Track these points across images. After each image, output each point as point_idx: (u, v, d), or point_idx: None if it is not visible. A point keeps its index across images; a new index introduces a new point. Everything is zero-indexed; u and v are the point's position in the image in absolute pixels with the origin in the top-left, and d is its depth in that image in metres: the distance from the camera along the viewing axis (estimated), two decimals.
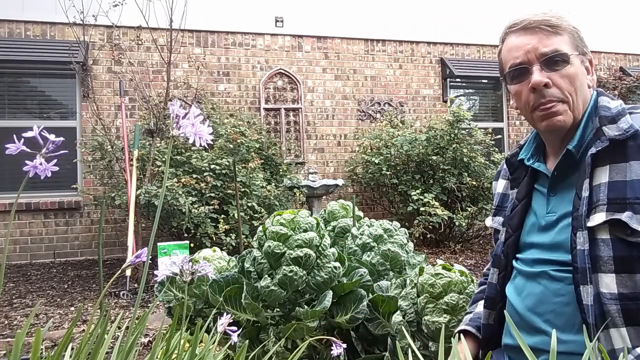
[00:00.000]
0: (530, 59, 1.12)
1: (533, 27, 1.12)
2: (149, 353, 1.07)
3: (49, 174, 0.80)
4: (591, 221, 1.05)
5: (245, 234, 4.82)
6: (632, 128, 1.05)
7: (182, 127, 0.86)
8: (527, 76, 1.12)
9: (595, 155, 1.07)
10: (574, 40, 1.14)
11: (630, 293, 1.01)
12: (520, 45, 1.13)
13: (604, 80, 7.65)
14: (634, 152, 1.05)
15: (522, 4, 7.29)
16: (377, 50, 7.55)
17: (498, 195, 1.37)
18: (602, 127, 1.09)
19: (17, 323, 3.60)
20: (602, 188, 1.06)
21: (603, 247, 1.04)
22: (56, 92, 6.50)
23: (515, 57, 1.14)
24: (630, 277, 1.02)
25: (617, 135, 1.06)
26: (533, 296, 1.14)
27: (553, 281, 1.10)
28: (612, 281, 1.02)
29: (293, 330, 1.65)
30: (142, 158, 4.97)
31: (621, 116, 1.09)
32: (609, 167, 1.06)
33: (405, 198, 6.24)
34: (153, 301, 3.35)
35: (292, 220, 1.77)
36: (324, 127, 7.26)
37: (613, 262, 1.03)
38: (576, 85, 1.11)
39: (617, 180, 1.05)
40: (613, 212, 1.03)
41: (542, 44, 1.11)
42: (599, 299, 1.03)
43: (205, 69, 6.67)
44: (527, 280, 1.17)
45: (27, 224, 6.03)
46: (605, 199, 1.05)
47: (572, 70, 1.11)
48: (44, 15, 6.15)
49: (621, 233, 1.02)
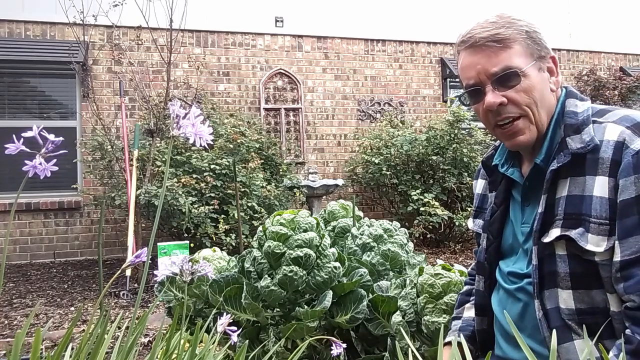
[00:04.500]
0: (482, 80, 1.08)
1: (479, 45, 1.07)
2: (149, 353, 1.07)
3: (49, 174, 0.80)
4: (548, 236, 1.04)
5: (245, 234, 4.82)
6: (592, 142, 1.02)
7: (182, 127, 0.86)
8: (481, 97, 1.09)
9: (555, 170, 1.05)
10: (527, 48, 1.08)
11: (588, 308, 1.01)
12: (469, 65, 1.09)
13: (604, 80, 7.64)
14: (590, 166, 1.02)
15: (521, 4, 7.30)
16: (377, 50, 7.55)
17: (478, 196, 1.35)
18: (566, 137, 1.05)
19: (17, 323, 3.60)
20: (561, 202, 1.04)
21: (560, 263, 1.03)
22: (56, 92, 6.50)
23: (468, 77, 1.10)
24: (587, 293, 1.01)
25: (579, 148, 1.02)
26: (514, 312, 1.13)
27: (531, 296, 1.09)
28: (569, 297, 1.02)
29: (293, 330, 1.65)
30: (142, 158, 4.97)
31: (585, 125, 1.05)
32: (569, 180, 1.04)
33: (405, 198, 6.24)
34: (153, 301, 3.35)
35: (292, 220, 1.77)
36: (324, 127, 7.26)
37: (570, 278, 1.02)
38: (534, 97, 1.07)
39: (575, 195, 1.03)
40: (567, 227, 1.02)
41: (490, 63, 1.06)
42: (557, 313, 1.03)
43: (205, 69, 6.66)
44: (508, 296, 1.16)
45: (27, 224, 6.02)
46: (562, 213, 1.03)
47: (527, 83, 1.06)
48: (44, 15, 6.14)
49: (576, 250, 1.01)
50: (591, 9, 8.25)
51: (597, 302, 1.01)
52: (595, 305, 1.01)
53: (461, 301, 1.38)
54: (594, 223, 0.99)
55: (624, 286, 0.96)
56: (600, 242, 0.98)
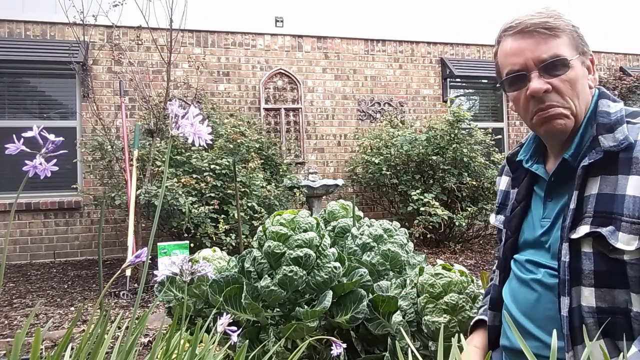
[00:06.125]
0: (528, 65, 1.07)
1: (530, 30, 1.06)
2: (149, 353, 1.07)
3: (49, 174, 0.80)
4: (576, 233, 1.04)
5: (245, 234, 4.82)
6: (626, 140, 1.02)
7: (181, 127, 0.86)
8: (525, 83, 1.08)
9: (587, 167, 1.04)
10: (574, 40, 1.08)
11: (608, 307, 1.01)
12: (517, 50, 1.08)
13: (604, 80, 7.65)
14: (623, 165, 1.01)
15: (522, 4, 7.30)
16: (377, 50, 7.55)
17: (501, 192, 1.35)
18: (598, 136, 1.05)
19: (17, 323, 3.60)
20: (591, 200, 1.04)
21: (585, 261, 1.02)
22: (56, 92, 6.50)
23: (513, 63, 1.09)
24: (610, 292, 1.00)
25: (612, 146, 1.02)
26: (527, 301, 1.13)
27: (546, 288, 1.10)
28: (591, 294, 1.01)
29: (293, 330, 1.65)
30: (142, 158, 4.97)
31: (619, 125, 1.05)
32: (600, 179, 1.04)
33: (405, 198, 6.24)
34: (153, 301, 3.35)
35: (292, 220, 1.77)
36: (324, 127, 7.26)
37: (593, 276, 1.01)
38: (577, 89, 1.07)
39: (606, 193, 1.02)
40: (597, 225, 1.01)
41: (540, 49, 1.06)
42: (579, 311, 1.02)
43: (205, 69, 6.67)
44: (521, 284, 1.16)
45: (27, 224, 6.03)
46: (592, 211, 1.03)
47: (572, 74, 1.06)
48: (44, 15, 6.15)
49: (603, 248, 1.01)
50: (591, 9, 8.25)
51: (619, 302, 1.00)
52: (616, 305, 1.00)
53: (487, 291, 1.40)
54: (626, 222, 0.98)
55: None
56: (632, 240, 0.97)
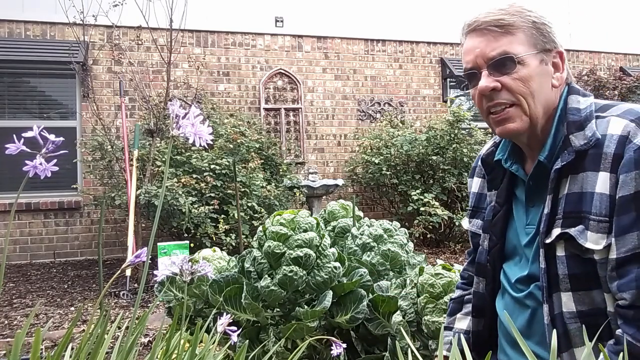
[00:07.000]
0: (479, 64, 1.06)
1: (482, 28, 1.06)
2: (149, 353, 1.07)
3: (49, 174, 0.80)
4: (549, 237, 1.01)
5: (245, 234, 4.82)
6: (594, 137, 1.00)
7: (182, 127, 0.86)
8: (477, 81, 1.07)
9: (559, 169, 1.02)
10: (531, 37, 1.05)
11: (589, 309, 0.99)
12: (470, 48, 1.08)
13: (604, 80, 7.64)
14: (592, 162, 0.99)
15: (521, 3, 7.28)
16: (377, 50, 7.55)
17: (474, 195, 1.30)
18: (569, 135, 1.02)
19: (17, 323, 3.60)
20: (562, 201, 1.02)
21: (559, 265, 1.00)
22: (56, 92, 6.50)
23: (467, 61, 1.09)
24: (588, 294, 0.99)
25: (583, 144, 1.00)
26: (522, 320, 1.10)
27: (538, 303, 1.06)
28: (569, 299, 1.00)
29: (293, 330, 1.65)
30: (142, 158, 4.97)
31: (588, 121, 1.02)
32: (570, 178, 1.02)
33: (405, 198, 6.24)
34: (153, 301, 3.35)
35: (292, 220, 1.77)
36: (324, 127, 7.26)
37: (568, 280, 0.99)
38: (531, 87, 1.03)
39: (574, 192, 1.00)
40: (567, 226, 0.99)
41: (489, 47, 1.04)
42: (561, 318, 1.00)
43: (205, 69, 6.66)
44: (515, 303, 1.13)
45: (27, 224, 6.02)
46: (562, 212, 1.01)
47: (525, 72, 1.03)
48: (44, 15, 6.15)
49: (575, 249, 0.99)
50: (591, 9, 8.25)
51: (598, 303, 0.98)
52: (596, 306, 0.98)
53: (453, 310, 1.33)
54: (594, 220, 0.96)
55: (618, 284, 0.94)
56: (600, 239, 0.95)
